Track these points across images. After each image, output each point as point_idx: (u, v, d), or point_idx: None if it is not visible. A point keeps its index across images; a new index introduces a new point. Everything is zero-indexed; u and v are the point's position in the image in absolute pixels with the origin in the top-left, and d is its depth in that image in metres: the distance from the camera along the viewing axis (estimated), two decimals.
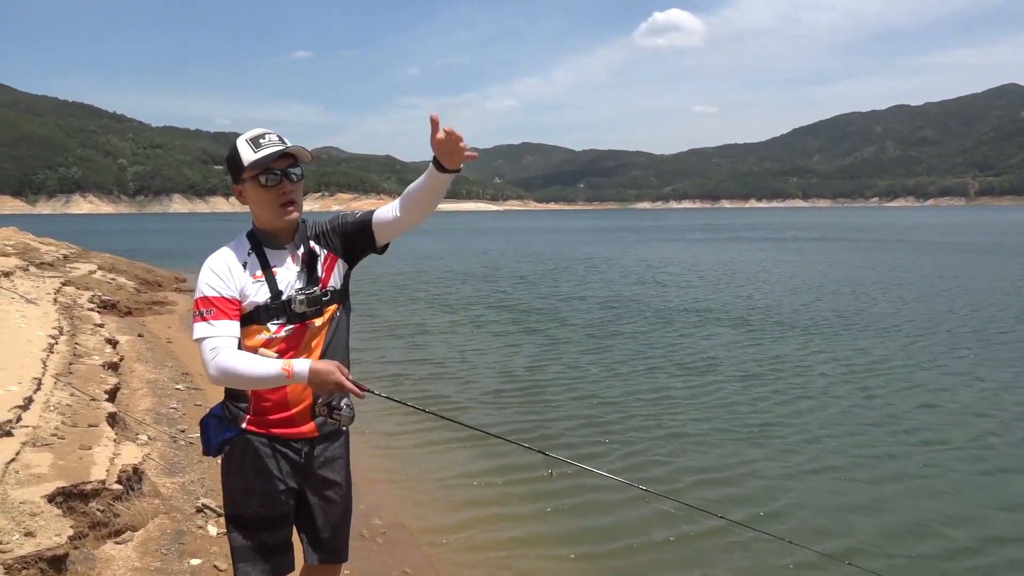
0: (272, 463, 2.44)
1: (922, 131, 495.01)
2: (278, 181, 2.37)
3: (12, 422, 4.81)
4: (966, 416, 8.09)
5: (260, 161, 2.34)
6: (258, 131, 2.40)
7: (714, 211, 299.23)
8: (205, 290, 2.33)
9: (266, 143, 2.36)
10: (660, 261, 32.27)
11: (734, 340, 12.65)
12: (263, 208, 2.41)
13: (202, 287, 2.34)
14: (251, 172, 2.36)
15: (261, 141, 2.37)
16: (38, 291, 11.75)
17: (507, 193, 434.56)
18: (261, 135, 2.39)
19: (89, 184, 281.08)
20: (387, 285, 22.12)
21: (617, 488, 5.77)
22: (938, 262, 29.23)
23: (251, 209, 2.45)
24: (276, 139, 2.39)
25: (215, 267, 2.37)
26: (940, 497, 5.97)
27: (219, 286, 2.33)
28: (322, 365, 2.27)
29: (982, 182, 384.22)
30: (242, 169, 2.36)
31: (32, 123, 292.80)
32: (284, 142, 2.39)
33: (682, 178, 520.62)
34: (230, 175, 2.44)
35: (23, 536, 3.50)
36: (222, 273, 2.35)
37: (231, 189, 2.50)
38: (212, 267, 2.37)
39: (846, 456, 6.91)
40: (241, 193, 2.43)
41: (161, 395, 7.97)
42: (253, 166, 2.34)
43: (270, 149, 2.35)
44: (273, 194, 2.37)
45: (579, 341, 12.83)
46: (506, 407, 8.64)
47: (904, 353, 11.41)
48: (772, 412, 8.35)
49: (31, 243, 20.21)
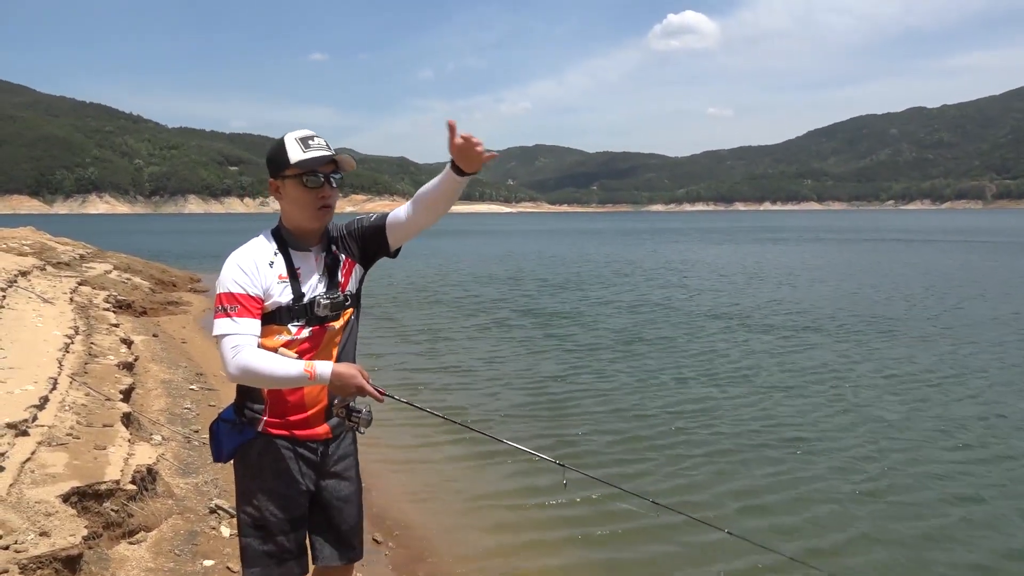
0: (292, 464, 2.44)
1: (938, 133, 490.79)
2: (320, 184, 2.38)
3: (28, 421, 4.84)
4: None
5: (307, 162, 2.35)
6: (307, 132, 2.42)
7: (728, 214, 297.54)
8: (231, 286, 2.31)
9: (315, 145, 2.38)
10: (684, 263, 31.99)
11: (771, 347, 12.15)
12: (299, 208, 2.40)
13: (227, 283, 2.31)
14: (295, 171, 2.36)
15: (311, 143, 2.38)
16: (55, 291, 11.84)
17: (520, 195, 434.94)
18: (310, 136, 2.40)
19: (105, 184, 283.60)
20: (407, 287, 22.09)
21: (639, 507, 5.38)
22: (971, 263, 28.95)
23: (284, 207, 2.45)
24: (324, 144, 2.40)
25: (243, 264, 2.35)
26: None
27: (246, 283, 2.32)
28: (344, 368, 2.28)
29: (999, 185, 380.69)
30: (286, 166, 2.37)
31: (50, 124, 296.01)
32: (331, 147, 2.41)
33: (696, 180, 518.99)
34: (269, 169, 2.44)
35: (38, 536, 3.51)
36: (249, 270, 2.34)
37: (267, 184, 2.48)
38: (240, 263, 2.35)
39: (905, 477, 6.33)
40: (278, 189, 2.43)
41: (175, 395, 8.00)
42: (299, 165, 2.35)
43: (319, 152, 2.37)
44: (313, 196, 2.38)
45: (607, 347, 12.39)
46: (528, 418, 8.41)
47: (952, 360, 10.84)
48: (817, 426, 7.84)
49: (48, 243, 20.38)
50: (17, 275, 12.01)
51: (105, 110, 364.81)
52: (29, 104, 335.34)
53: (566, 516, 5.71)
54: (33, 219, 34.62)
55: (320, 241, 2.48)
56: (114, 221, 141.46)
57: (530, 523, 5.63)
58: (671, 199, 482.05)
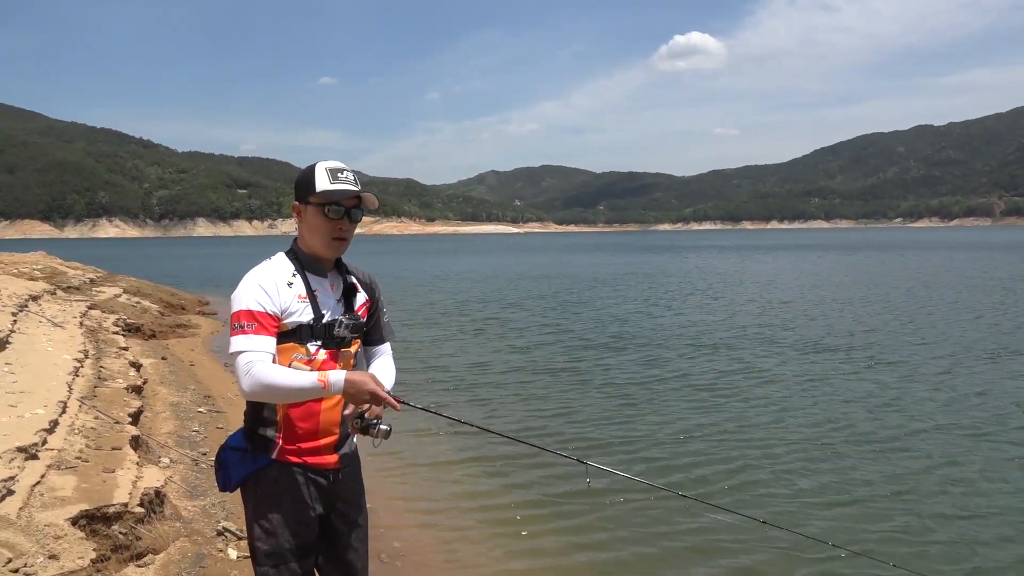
0: (305, 491, 2.45)
1: (945, 151, 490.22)
2: (340, 216, 2.44)
3: (38, 445, 4.88)
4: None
5: (332, 193, 2.42)
6: (338, 164, 2.48)
7: (736, 232, 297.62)
8: (250, 304, 2.33)
9: (343, 179, 2.44)
10: (710, 282, 31.69)
11: (823, 370, 11.55)
12: (316, 235, 2.47)
13: (246, 300, 2.34)
14: (319, 199, 2.43)
15: (339, 175, 2.44)
16: (65, 315, 11.94)
17: (527, 215, 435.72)
18: (340, 169, 2.46)
19: (116, 208, 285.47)
20: (423, 304, 22.12)
21: (661, 503, 5.66)
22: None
23: (302, 230, 2.51)
24: (352, 178, 2.47)
25: (263, 282, 2.38)
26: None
27: (265, 301, 2.35)
28: (357, 376, 2.31)
29: (1008, 202, 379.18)
30: (311, 192, 2.43)
31: (62, 149, 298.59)
32: (358, 184, 2.47)
33: (703, 199, 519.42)
34: (296, 192, 2.51)
35: (47, 559, 3.53)
36: (269, 289, 2.37)
37: (291, 206, 2.58)
38: (260, 282, 2.38)
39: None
40: (300, 212, 2.50)
41: (183, 418, 8.03)
42: (324, 195, 2.42)
43: (345, 186, 2.43)
44: (331, 226, 2.45)
45: (631, 371, 11.91)
46: (544, 418, 8.58)
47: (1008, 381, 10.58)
48: (838, 421, 8.13)
49: (59, 267, 20.56)
50: (28, 299, 12.11)
51: (116, 135, 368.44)
52: (42, 130, 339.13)
53: (581, 520, 5.76)
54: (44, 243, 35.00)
55: (334, 269, 2.55)
56: (124, 245, 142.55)
57: (544, 528, 5.68)
58: (678, 218, 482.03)
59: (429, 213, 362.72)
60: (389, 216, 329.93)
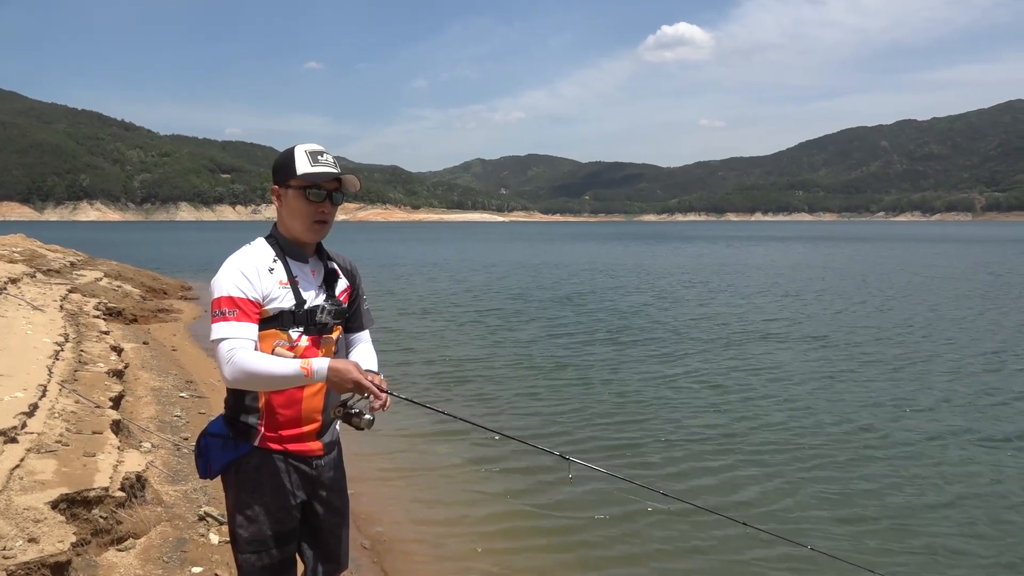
0: (286, 478, 2.44)
1: (928, 146, 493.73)
2: (322, 199, 2.42)
3: (17, 428, 4.84)
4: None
5: (313, 175, 2.39)
6: (318, 147, 2.45)
7: (720, 224, 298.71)
8: (231, 290, 2.30)
9: (323, 161, 2.42)
10: (704, 272, 31.96)
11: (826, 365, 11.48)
12: (297, 218, 2.44)
13: (227, 286, 2.31)
14: (300, 182, 2.40)
15: (319, 158, 2.42)
16: (45, 298, 11.81)
17: (512, 204, 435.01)
18: (320, 152, 2.43)
19: (97, 191, 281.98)
20: (413, 295, 22.07)
21: (642, 500, 5.66)
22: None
23: (282, 215, 2.48)
24: (332, 161, 2.44)
25: (243, 268, 2.35)
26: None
27: (246, 287, 2.32)
28: (341, 363, 2.28)
29: (988, 197, 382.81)
30: (292, 176, 2.40)
31: (42, 131, 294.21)
32: (338, 166, 2.45)
33: (688, 191, 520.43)
34: (274, 176, 2.48)
35: (26, 542, 3.52)
36: (250, 275, 2.34)
37: (270, 190, 2.53)
38: (241, 268, 2.35)
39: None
40: (279, 196, 2.47)
41: (165, 403, 7.99)
42: (304, 178, 2.39)
43: (326, 168, 2.41)
44: (312, 209, 2.42)
45: (641, 359, 11.97)
46: (528, 415, 8.58)
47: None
48: (823, 417, 8.10)
49: (38, 250, 20.32)
50: (7, 282, 11.97)
51: (97, 117, 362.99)
52: (21, 111, 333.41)
53: (563, 514, 5.78)
54: (23, 226, 34.54)
55: (314, 255, 2.53)
56: (105, 229, 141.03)
57: (526, 521, 5.70)
58: (663, 209, 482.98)
59: (414, 200, 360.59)
60: (374, 203, 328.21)
